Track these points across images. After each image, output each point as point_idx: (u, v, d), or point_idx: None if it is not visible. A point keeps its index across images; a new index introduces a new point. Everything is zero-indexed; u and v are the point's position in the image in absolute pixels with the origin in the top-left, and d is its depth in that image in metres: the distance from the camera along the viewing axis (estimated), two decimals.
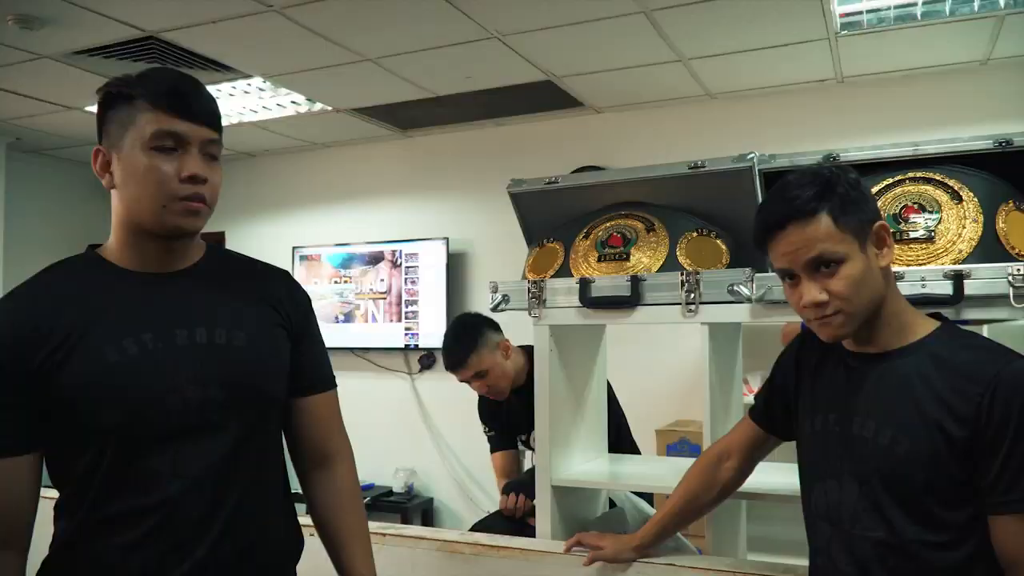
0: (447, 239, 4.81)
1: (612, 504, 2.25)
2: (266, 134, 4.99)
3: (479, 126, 4.82)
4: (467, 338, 2.48)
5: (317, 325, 1.38)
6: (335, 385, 1.39)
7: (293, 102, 4.36)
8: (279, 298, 1.29)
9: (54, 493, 1.17)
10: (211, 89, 4.01)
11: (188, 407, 1.13)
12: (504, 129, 4.82)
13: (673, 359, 4.30)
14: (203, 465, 1.14)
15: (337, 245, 5.18)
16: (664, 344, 4.25)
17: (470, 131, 4.89)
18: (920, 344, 1.24)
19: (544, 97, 4.24)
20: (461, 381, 2.55)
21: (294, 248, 5.30)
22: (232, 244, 5.65)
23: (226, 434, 1.16)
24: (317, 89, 4.14)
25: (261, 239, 5.49)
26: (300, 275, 5.15)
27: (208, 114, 1.15)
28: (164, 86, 1.12)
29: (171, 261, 1.20)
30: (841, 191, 1.21)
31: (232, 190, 5.71)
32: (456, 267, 4.84)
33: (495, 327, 2.54)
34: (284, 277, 1.36)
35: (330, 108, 4.44)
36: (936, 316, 1.30)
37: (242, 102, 4.32)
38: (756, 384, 3.74)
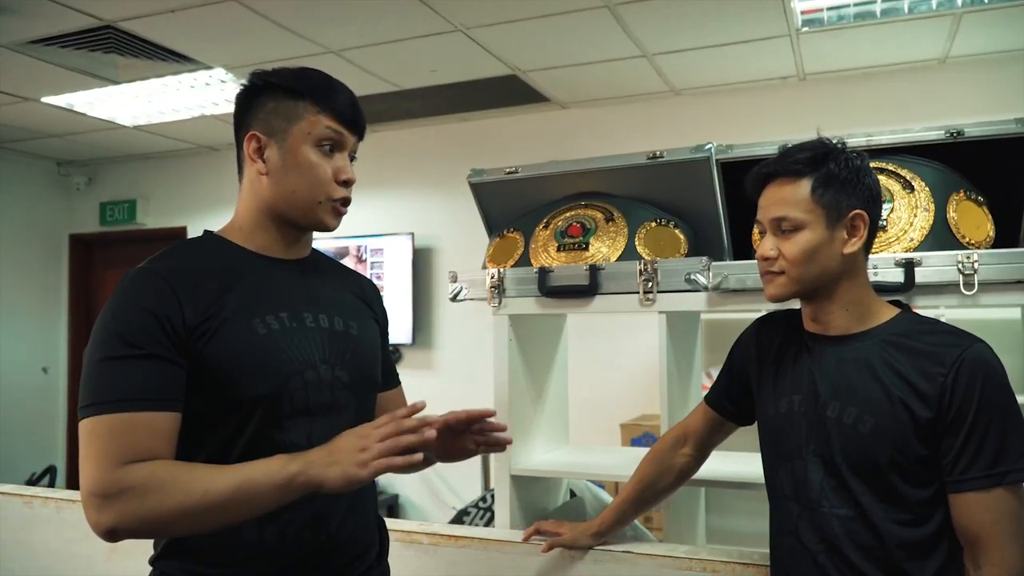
0: (413, 234, 4.78)
1: (573, 495, 2.25)
2: (229, 127, 4.88)
3: (444, 121, 4.80)
4: None
5: (389, 334, 1.46)
6: (400, 383, 1.48)
7: None
8: (371, 297, 1.38)
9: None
10: (171, 81, 4.03)
11: (322, 385, 1.18)
12: (469, 124, 4.81)
13: (637, 353, 4.32)
14: (331, 439, 1.15)
15: None
16: (628, 338, 4.26)
17: (435, 126, 4.87)
18: (882, 328, 1.27)
19: (509, 92, 4.23)
20: None
21: None
22: None
23: (348, 414, 1.21)
24: None
25: None
26: None
27: (363, 123, 1.25)
28: (333, 92, 1.21)
29: (294, 250, 1.26)
30: (832, 167, 1.25)
31: (194, 185, 5.65)
32: (422, 262, 4.82)
33: None
34: (373, 284, 1.44)
35: None
36: (896, 304, 1.33)
37: (204, 95, 4.25)
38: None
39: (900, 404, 1.19)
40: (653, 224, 1.91)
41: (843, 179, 1.25)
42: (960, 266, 1.53)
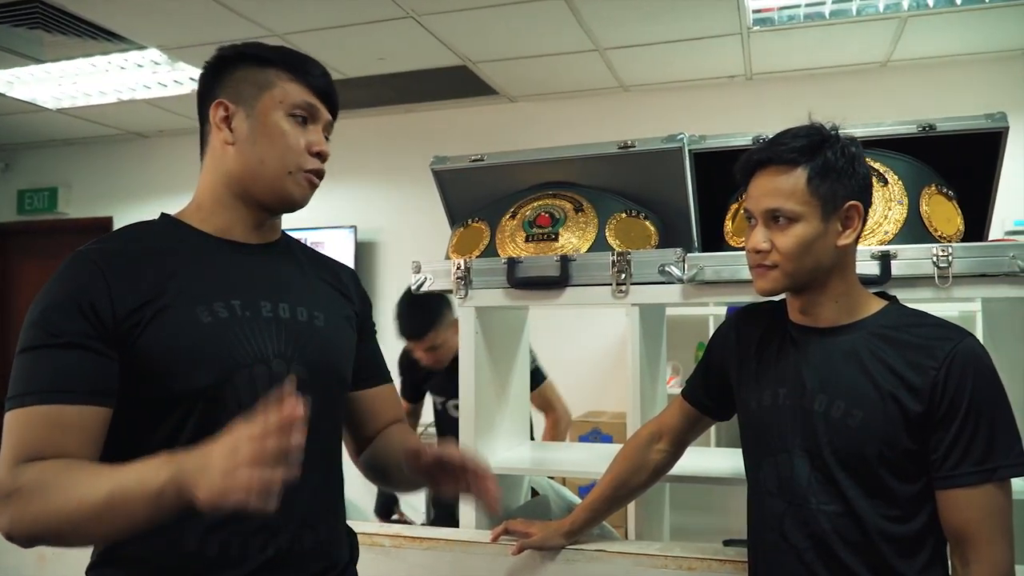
0: (355, 228, 4.66)
1: (534, 491, 2.20)
2: (160, 113, 4.71)
3: (389, 111, 4.69)
4: (431, 313, 2.57)
5: (375, 325, 1.38)
6: (391, 379, 1.38)
7: (191, 78, 4.11)
8: (349, 287, 1.29)
9: None
10: (100, 61, 3.81)
11: (274, 381, 1.05)
12: (415, 115, 4.71)
13: (585, 350, 4.31)
14: None
15: None
16: (576, 334, 4.25)
17: (380, 116, 4.76)
18: (870, 320, 1.24)
19: (458, 83, 4.16)
20: (408, 349, 2.69)
21: None
22: None
23: (306, 413, 1.08)
24: None
25: None
26: None
27: (336, 99, 1.19)
28: (306, 63, 1.15)
29: (258, 234, 1.17)
30: (829, 155, 1.20)
31: (121, 173, 5.40)
32: (365, 256, 4.70)
33: (451, 304, 2.57)
34: (352, 272, 1.35)
35: None
36: (883, 296, 1.30)
37: (135, 77, 4.05)
38: (679, 373, 3.78)
39: (890, 398, 1.17)
40: (623, 215, 1.87)
41: (839, 169, 1.20)
42: (935, 259, 1.53)
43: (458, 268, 1.85)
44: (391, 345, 2.66)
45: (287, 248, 1.23)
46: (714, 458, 1.96)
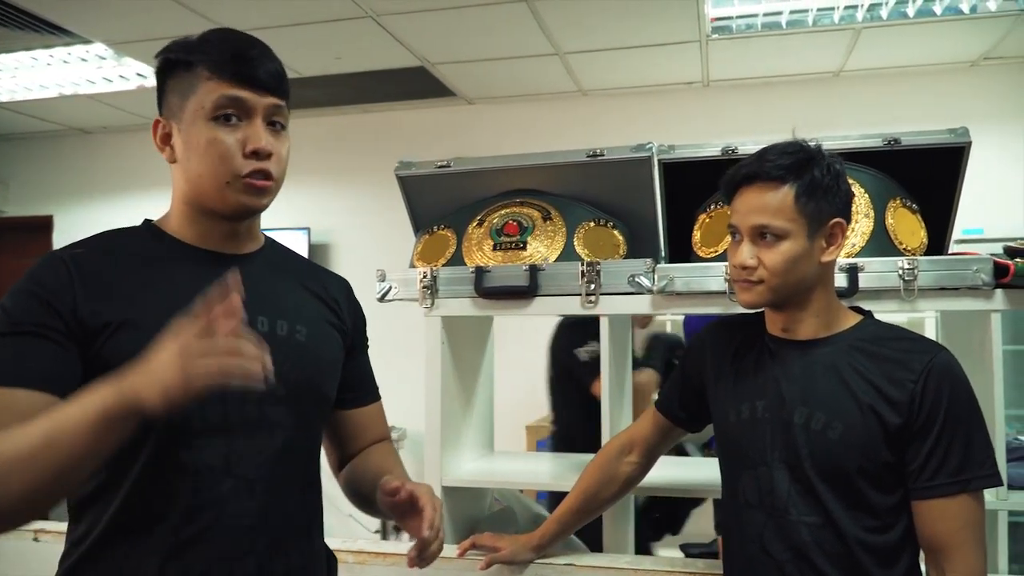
0: (308, 229, 4.58)
1: (497, 502, 2.17)
2: (105, 108, 4.55)
3: (345, 111, 4.62)
4: None
5: (367, 340, 1.32)
6: (379, 397, 1.33)
7: (139, 74, 3.99)
8: (338, 300, 1.23)
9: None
10: (42, 55, 3.67)
11: (247, 398, 1.00)
12: (371, 116, 4.64)
13: (542, 354, 4.29)
14: (257, 463, 1.03)
15: None
16: (532, 340, 4.23)
17: (336, 116, 4.68)
18: (847, 334, 1.25)
19: (415, 84, 4.11)
20: None
21: None
22: (63, 230, 5.15)
23: (282, 432, 1.06)
24: None
25: (98, 225, 4.93)
26: None
27: (273, 78, 1.05)
28: (226, 50, 1.03)
29: (235, 243, 1.12)
30: (816, 173, 1.20)
31: (63, 170, 5.21)
32: (318, 258, 4.60)
33: None
34: (344, 283, 1.29)
35: None
36: (858, 310, 1.31)
37: (79, 71, 3.90)
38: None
39: (869, 410, 1.18)
40: (591, 224, 1.85)
41: (826, 187, 1.21)
42: (901, 272, 1.55)
43: (424, 277, 1.81)
44: None
45: (272, 257, 1.17)
46: (675, 468, 1.96)
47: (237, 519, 1.01)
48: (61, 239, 5.15)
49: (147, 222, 1.12)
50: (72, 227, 5.07)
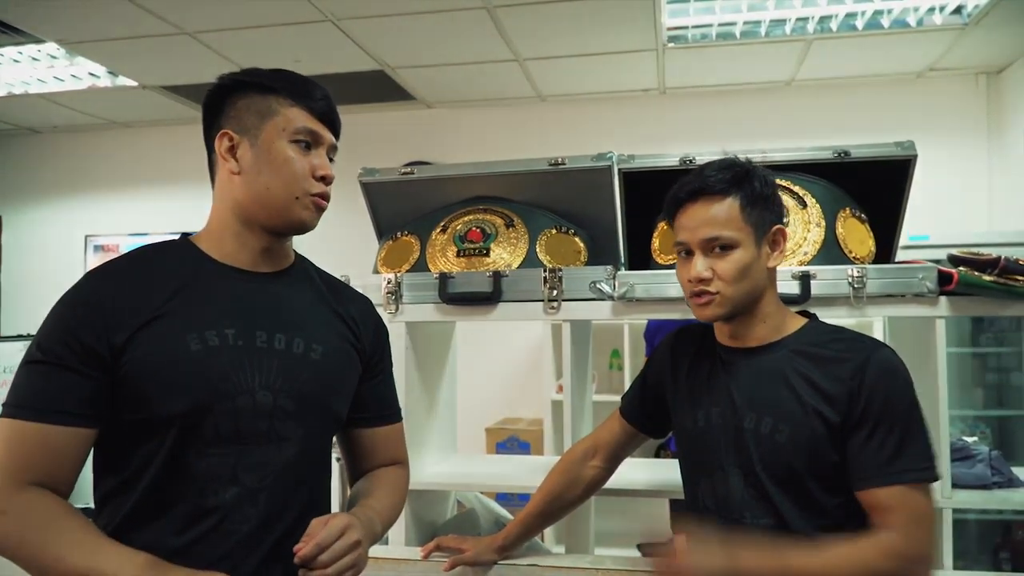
0: None
1: (460, 505, 2.19)
2: (56, 108, 4.46)
3: None
4: None
5: (391, 360, 1.37)
6: (400, 419, 1.37)
7: (91, 73, 3.92)
8: (357, 320, 1.27)
9: None
10: None
11: (258, 412, 1.09)
12: None
13: (500, 358, 4.32)
14: (262, 475, 1.09)
15: (135, 235, 4.75)
16: (495, 343, 4.26)
17: None
18: (791, 338, 1.30)
19: (374, 88, 4.11)
20: None
21: (87, 237, 4.80)
22: (13, 230, 5.02)
23: (290, 445, 1.12)
24: (121, 61, 3.75)
25: (47, 225, 4.92)
26: (93, 266, 4.66)
27: (337, 122, 1.20)
28: (310, 88, 1.16)
29: (267, 261, 1.19)
30: (756, 184, 1.26)
31: (12, 170, 5.08)
32: None
33: None
34: (367, 302, 1.34)
35: (135, 84, 4.05)
36: (804, 314, 1.36)
37: (29, 70, 3.82)
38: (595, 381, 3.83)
39: (813, 412, 1.22)
40: (553, 231, 1.89)
41: (766, 196, 1.27)
42: (851, 280, 1.62)
43: (388, 283, 1.82)
44: None
45: (300, 276, 1.24)
46: (635, 470, 2.00)
47: (239, 525, 1.07)
48: (10, 239, 5.03)
49: (184, 237, 1.18)
50: (25, 227, 4.95)
